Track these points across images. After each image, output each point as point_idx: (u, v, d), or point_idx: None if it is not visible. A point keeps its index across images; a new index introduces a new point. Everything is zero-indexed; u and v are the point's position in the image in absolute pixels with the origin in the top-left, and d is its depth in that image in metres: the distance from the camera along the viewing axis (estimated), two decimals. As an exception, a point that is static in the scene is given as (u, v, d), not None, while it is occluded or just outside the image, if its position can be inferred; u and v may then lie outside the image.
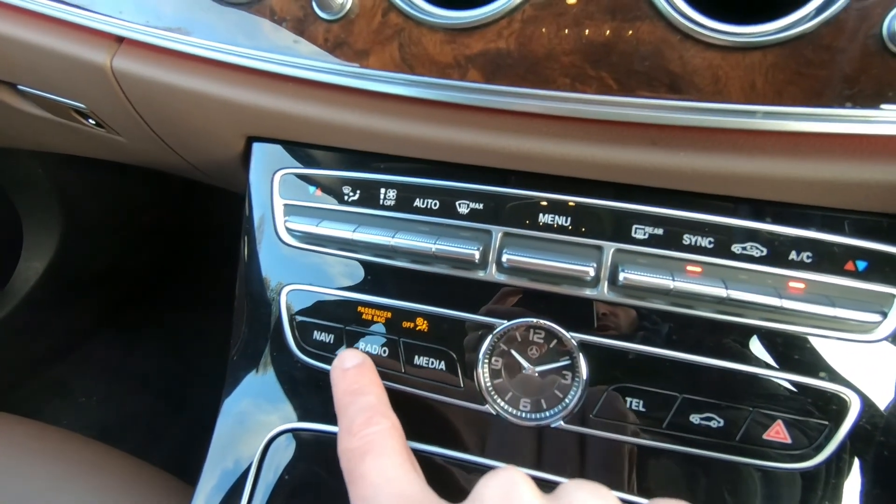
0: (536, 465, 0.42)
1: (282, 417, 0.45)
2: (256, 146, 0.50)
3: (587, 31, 0.36)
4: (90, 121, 0.65)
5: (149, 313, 1.66)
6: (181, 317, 1.66)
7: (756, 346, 0.39)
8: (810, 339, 0.38)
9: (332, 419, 0.45)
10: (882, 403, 0.38)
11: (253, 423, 0.46)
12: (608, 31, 0.36)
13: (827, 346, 0.38)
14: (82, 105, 0.61)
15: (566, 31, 0.37)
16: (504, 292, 0.42)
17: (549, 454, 0.41)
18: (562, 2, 0.36)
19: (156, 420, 1.40)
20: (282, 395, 0.46)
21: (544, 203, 0.42)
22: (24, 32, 0.53)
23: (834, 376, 0.38)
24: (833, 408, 0.38)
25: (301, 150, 0.49)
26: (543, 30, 0.37)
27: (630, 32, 0.36)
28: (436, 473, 0.41)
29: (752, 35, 0.34)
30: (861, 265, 0.38)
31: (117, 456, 0.72)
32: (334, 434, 0.39)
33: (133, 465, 0.70)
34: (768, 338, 0.39)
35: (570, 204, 0.41)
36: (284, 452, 0.45)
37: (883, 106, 0.33)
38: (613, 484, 0.39)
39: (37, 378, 1.46)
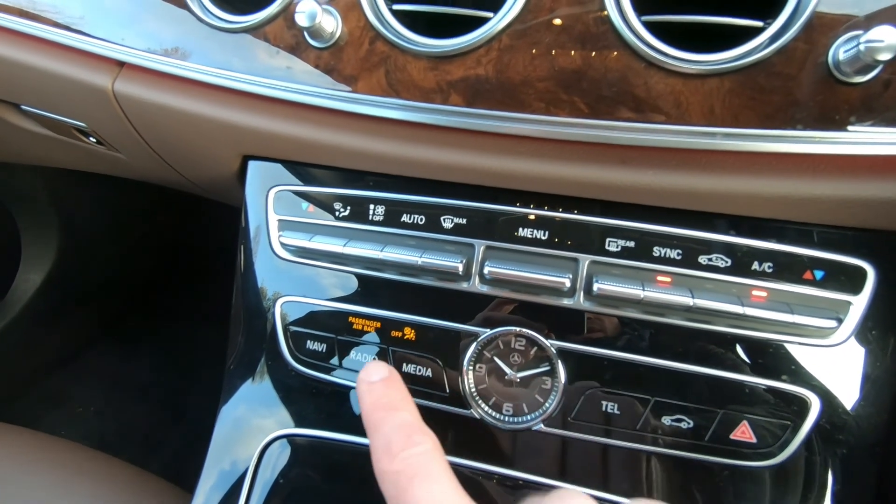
0: (518, 466, 0.44)
1: (277, 423, 0.48)
2: (252, 164, 0.53)
3: (559, 59, 0.39)
4: (91, 139, 0.68)
5: (146, 324, 1.68)
6: (178, 327, 1.68)
7: (722, 351, 0.42)
8: (772, 344, 0.41)
9: (326, 425, 0.47)
10: (840, 404, 0.41)
11: (249, 429, 0.48)
12: (578, 60, 0.39)
13: (788, 351, 0.41)
14: (84, 124, 0.63)
15: (540, 59, 0.39)
16: (486, 302, 0.45)
17: (530, 456, 0.44)
18: (535, 32, 0.39)
19: (154, 429, 1.41)
20: (277, 402, 0.49)
21: (523, 218, 0.44)
22: (29, 57, 0.56)
23: (795, 379, 0.41)
24: (795, 408, 0.41)
25: (294, 168, 0.51)
26: (519, 58, 0.40)
27: (598, 60, 0.38)
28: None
29: (710, 63, 0.37)
30: (818, 274, 0.41)
31: (116, 464, 0.74)
32: (328, 440, 0.41)
33: (132, 473, 0.72)
34: (734, 343, 0.41)
35: (548, 218, 0.44)
36: (280, 457, 0.47)
37: (830, 128, 0.36)
38: (591, 483, 0.42)
39: (35, 389, 1.47)
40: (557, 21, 0.39)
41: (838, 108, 0.36)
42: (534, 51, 0.39)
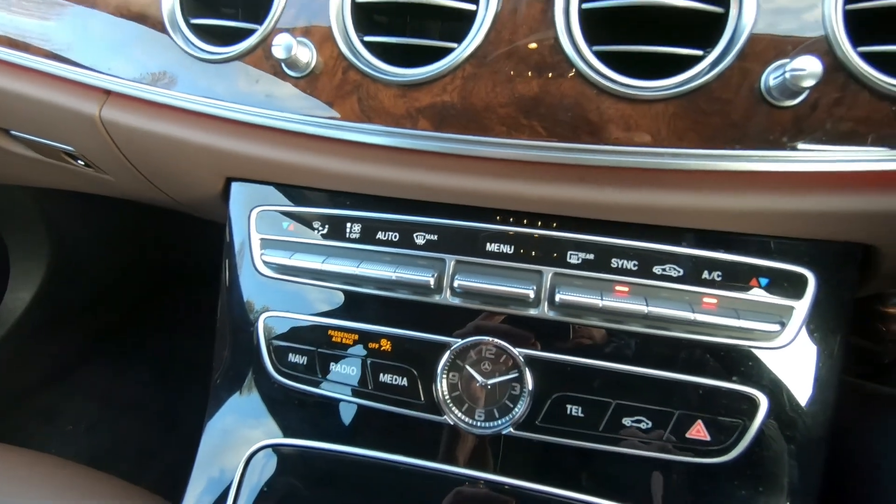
0: (490, 469, 0.46)
1: (262, 434, 0.50)
2: (235, 185, 0.55)
3: (519, 87, 0.42)
4: (80, 162, 0.70)
5: (136, 338, 1.68)
6: (167, 340, 1.69)
7: (677, 355, 0.44)
8: (722, 347, 0.44)
9: (309, 435, 0.50)
10: (787, 402, 0.44)
11: (235, 439, 0.50)
12: (536, 87, 0.42)
13: (737, 354, 0.44)
14: (72, 148, 0.66)
15: (501, 86, 0.42)
16: (458, 314, 0.47)
17: (501, 459, 0.46)
18: (496, 62, 0.42)
19: (145, 443, 1.41)
20: (261, 414, 0.51)
21: (491, 233, 0.47)
22: (19, 85, 0.58)
23: (744, 379, 0.44)
24: (745, 407, 0.43)
25: (275, 189, 0.54)
26: (482, 85, 0.43)
27: (555, 88, 0.41)
28: (400, 480, 0.46)
29: (655, 89, 0.40)
30: (763, 282, 0.44)
31: (107, 480, 0.75)
32: (310, 448, 0.43)
33: (123, 488, 0.73)
34: (687, 347, 0.44)
35: (513, 234, 0.47)
36: (265, 466, 0.49)
37: (766, 147, 0.39)
38: (558, 483, 0.44)
39: (25, 407, 1.47)
40: (516, 51, 0.42)
41: (772, 129, 0.39)
42: (495, 79, 0.42)
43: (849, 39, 0.38)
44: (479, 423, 0.46)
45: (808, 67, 0.36)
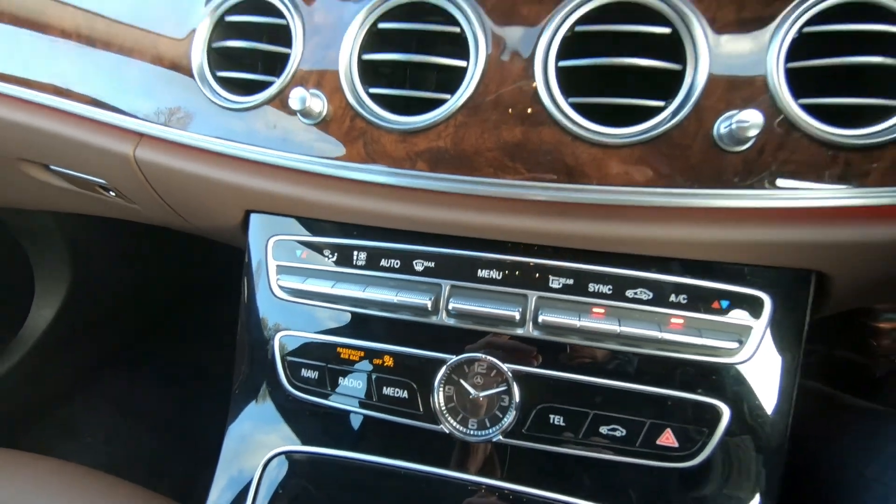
0: (481, 473, 0.51)
1: (277, 441, 0.55)
2: (253, 217, 0.62)
3: (504, 134, 0.48)
4: (111, 193, 0.76)
5: (152, 350, 1.75)
6: (179, 352, 1.75)
7: (648, 370, 0.50)
8: (688, 362, 0.49)
9: (320, 442, 0.55)
10: (747, 412, 0.49)
11: (253, 445, 0.55)
12: (519, 134, 0.48)
13: (702, 368, 0.49)
14: (105, 182, 0.72)
15: (488, 133, 0.48)
16: (452, 333, 0.53)
17: (491, 464, 0.51)
18: (484, 111, 0.48)
19: (159, 453, 1.47)
20: (277, 423, 0.56)
21: (482, 261, 0.53)
22: (61, 127, 0.65)
23: (708, 392, 0.49)
24: (709, 417, 0.48)
25: (290, 221, 0.60)
26: (472, 132, 0.49)
27: (535, 135, 0.47)
28: (401, 483, 0.51)
29: (623, 136, 0.46)
30: (724, 304, 0.49)
31: (126, 486, 0.80)
32: (321, 454, 0.48)
33: (143, 494, 0.78)
34: (657, 363, 0.49)
35: (502, 261, 0.53)
36: (280, 471, 0.55)
37: (720, 187, 0.45)
38: (540, 484, 0.49)
39: (45, 420, 1.53)
40: (501, 102, 0.48)
41: (725, 171, 0.45)
42: (483, 126, 0.49)
43: (790, 92, 0.44)
44: (472, 432, 0.52)
45: (751, 119, 0.41)
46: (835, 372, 1.25)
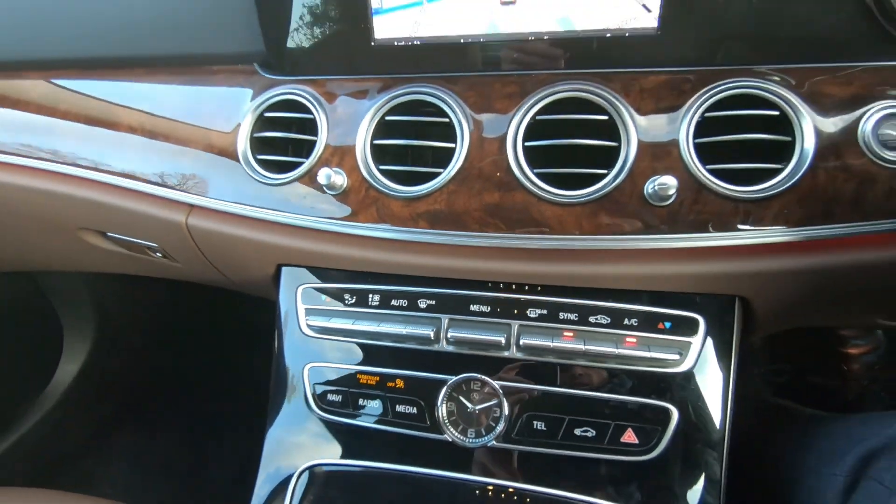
0: (481, 473, 0.62)
1: (308, 455, 0.66)
2: (285, 269, 0.75)
3: (485, 198, 0.62)
4: (157, 254, 0.90)
5: (164, 403, 1.82)
6: (194, 404, 1.82)
7: (610, 381, 0.61)
8: (642, 373, 0.61)
9: (344, 455, 0.66)
10: (692, 412, 0.60)
11: (288, 459, 0.66)
12: (497, 198, 0.62)
13: (653, 377, 0.61)
14: (156, 244, 0.86)
15: (474, 197, 0.62)
16: (451, 357, 0.65)
17: (488, 465, 0.62)
18: (470, 182, 0.63)
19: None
20: (307, 439, 0.67)
21: (473, 298, 0.66)
22: (124, 202, 0.79)
23: (660, 396, 0.60)
24: (661, 417, 0.60)
25: (316, 271, 0.73)
26: (461, 197, 0.63)
27: (509, 198, 0.61)
28: (412, 487, 0.61)
29: (576, 197, 0.60)
30: (667, 324, 0.62)
31: None
32: (346, 466, 0.59)
33: None
34: (617, 374, 0.61)
35: (489, 298, 0.65)
36: (310, 481, 0.65)
37: (653, 233, 0.59)
38: (529, 480, 0.60)
39: (66, 474, 1.59)
40: (482, 174, 0.63)
41: (654, 221, 0.58)
42: (469, 193, 0.63)
43: (699, 161, 0.58)
44: (470, 439, 0.63)
45: (669, 182, 0.55)
46: (808, 394, 1.34)
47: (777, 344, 1.36)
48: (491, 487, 0.61)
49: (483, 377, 0.63)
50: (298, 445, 0.67)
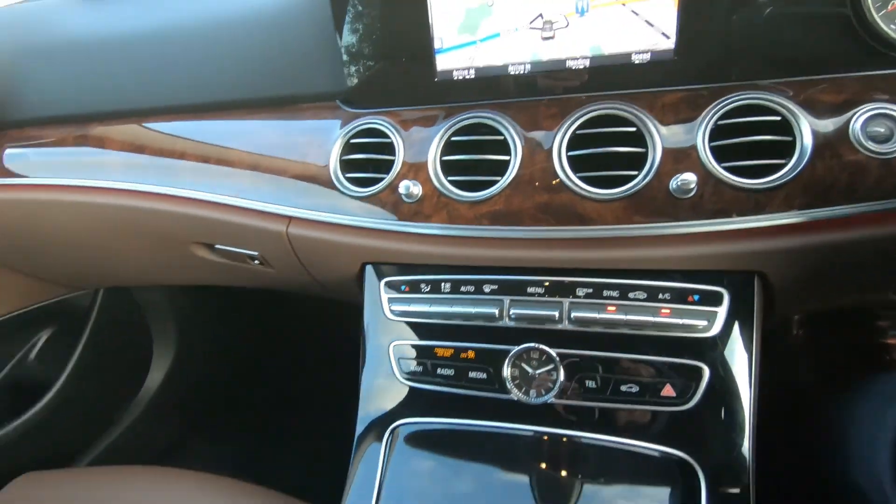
0: (541, 425, 0.74)
1: (396, 416, 0.80)
2: (368, 267, 0.90)
3: (536, 198, 0.76)
4: (256, 262, 1.07)
5: (230, 418, 1.97)
6: (258, 419, 1.97)
7: (650, 345, 0.73)
8: (677, 338, 0.72)
9: (426, 415, 0.79)
10: (720, 369, 0.71)
11: (379, 421, 0.80)
12: (546, 198, 0.75)
13: (686, 341, 0.72)
14: (257, 253, 1.03)
15: (527, 199, 0.76)
16: (514, 331, 0.78)
17: (548, 418, 0.74)
18: (523, 185, 0.77)
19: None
20: (394, 404, 0.81)
21: (530, 281, 0.79)
22: (232, 217, 0.96)
23: (693, 357, 0.72)
24: (694, 374, 0.71)
25: (396, 266, 0.88)
26: (516, 199, 0.77)
27: (557, 198, 0.75)
28: (483, 438, 0.74)
29: (613, 195, 0.73)
30: (696, 297, 0.73)
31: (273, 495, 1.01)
32: (428, 423, 0.72)
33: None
34: (655, 340, 0.73)
35: (544, 281, 0.79)
36: (400, 438, 0.78)
37: (679, 220, 0.71)
38: (586, 430, 0.72)
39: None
40: (533, 178, 0.77)
41: (679, 211, 0.71)
42: (523, 195, 0.77)
43: (714, 160, 0.70)
44: (532, 398, 0.75)
45: (690, 179, 0.68)
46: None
47: (817, 341, 1.41)
48: (548, 437, 0.74)
49: (541, 346, 0.76)
50: (388, 409, 0.81)
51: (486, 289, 0.81)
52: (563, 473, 0.73)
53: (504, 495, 0.73)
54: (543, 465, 0.73)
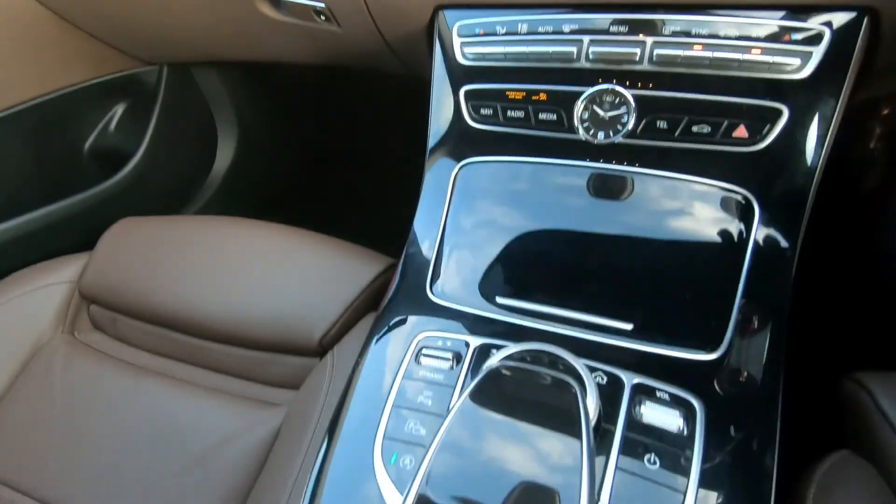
0: (607, 161, 0.78)
1: (461, 156, 0.85)
2: (440, 13, 0.87)
3: None
4: (322, 17, 1.05)
5: (294, 210, 2.13)
6: (322, 213, 2.12)
7: (731, 85, 0.71)
8: (762, 79, 0.70)
9: (497, 153, 0.83)
10: (801, 112, 0.70)
11: (446, 163, 0.86)
12: None
13: (772, 83, 0.70)
14: (323, 5, 1.00)
15: None
16: (590, 72, 0.77)
17: (614, 156, 0.77)
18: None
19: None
20: (462, 146, 0.85)
21: (612, 20, 0.75)
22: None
23: (773, 98, 0.70)
24: (772, 116, 0.70)
25: (469, 9, 0.85)
26: None
27: None
28: (546, 173, 0.78)
29: None
30: (794, 36, 0.69)
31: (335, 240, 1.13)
32: (499, 160, 0.77)
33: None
34: (736, 80, 0.71)
35: (627, 19, 0.75)
36: (469, 174, 0.84)
37: None
38: (648, 166, 0.75)
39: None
40: None
41: None
42: None
43: None
44: (601, 137, 0.77)
45: None
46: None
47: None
48: (608, 173, 0.78)
49: (615, 87, 0.76)
50: (455, 150, 0.86)
51: (565, 28, 0.78)
52: (620, 200, 0.78)
53: (561, 222, 0.80)
54: (602, 196, 0.79)
